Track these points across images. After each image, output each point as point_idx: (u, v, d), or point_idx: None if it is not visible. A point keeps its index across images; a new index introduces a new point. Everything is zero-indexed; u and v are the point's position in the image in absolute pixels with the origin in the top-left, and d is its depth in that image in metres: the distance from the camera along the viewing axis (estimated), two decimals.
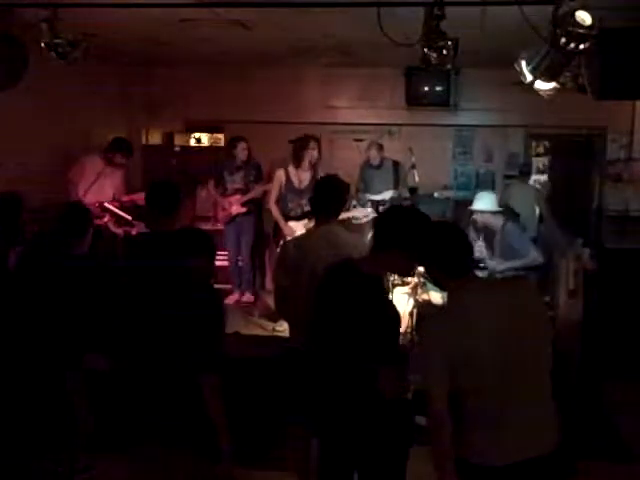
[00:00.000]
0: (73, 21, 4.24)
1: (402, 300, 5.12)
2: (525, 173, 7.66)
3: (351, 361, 2.53)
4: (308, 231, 3.97)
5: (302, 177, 5.72)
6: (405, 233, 2.50)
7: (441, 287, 2.61)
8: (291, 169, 5.73)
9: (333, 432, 2.65)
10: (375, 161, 7.00)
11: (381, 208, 6.33)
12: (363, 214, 6.29)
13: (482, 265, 4.89)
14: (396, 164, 6.98)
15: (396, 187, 6.87)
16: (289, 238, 5.66)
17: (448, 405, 2.25)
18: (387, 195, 6.80)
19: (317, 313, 2.70)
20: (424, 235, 2.46)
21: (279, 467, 3.65)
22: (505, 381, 2.25)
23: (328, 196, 3.43)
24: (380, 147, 7.06)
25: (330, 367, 2.61)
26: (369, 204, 6.66)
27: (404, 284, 5.15)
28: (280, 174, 5.76)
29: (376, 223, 2.73)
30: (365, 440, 2.56)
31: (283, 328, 5.26)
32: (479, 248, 4.98)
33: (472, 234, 5.05)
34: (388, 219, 2.65)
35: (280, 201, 5.79)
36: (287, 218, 5.77)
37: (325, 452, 2.74)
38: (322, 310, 2.67)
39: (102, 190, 6.11)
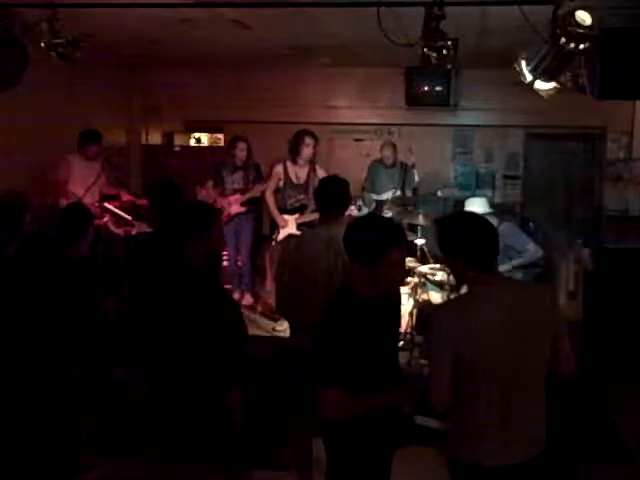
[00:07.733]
0: (73, 21, 4.23)
1: (402, 300, 5.10)
2: None
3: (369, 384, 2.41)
4: (310, 230, 3.97)
5: (299, 173, 5.79)
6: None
7: (459, 282, 2.55)
8: (289, 164, 5.79)
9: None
10: (389, 160, 7.01)
11: (384, 208, 6.32)
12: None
13: None
14: (404, 165, 6.93)
15: (402, 187, 6.86)
16: (282, 231, 5.71)
17: (448, 399, 2.25)
18: (389, 195, 6.78)
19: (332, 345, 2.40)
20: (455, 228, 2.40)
21: (279, 467, 3.64)
22: (506, 380, 2.25)
23: (331, 196, 3.43)
24: (394, 146, 7.08)
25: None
26: (373, 204, 6.67)
27: (404, 284, 5.13)
28: (279, 169, 5.83)
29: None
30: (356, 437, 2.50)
31: (283, 328, 5.26)
32: None
33: None
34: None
35: (278, 195, 5.87)
36: (283, 211, 5.83)
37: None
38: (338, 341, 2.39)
39: (93, 187, 6.08)
